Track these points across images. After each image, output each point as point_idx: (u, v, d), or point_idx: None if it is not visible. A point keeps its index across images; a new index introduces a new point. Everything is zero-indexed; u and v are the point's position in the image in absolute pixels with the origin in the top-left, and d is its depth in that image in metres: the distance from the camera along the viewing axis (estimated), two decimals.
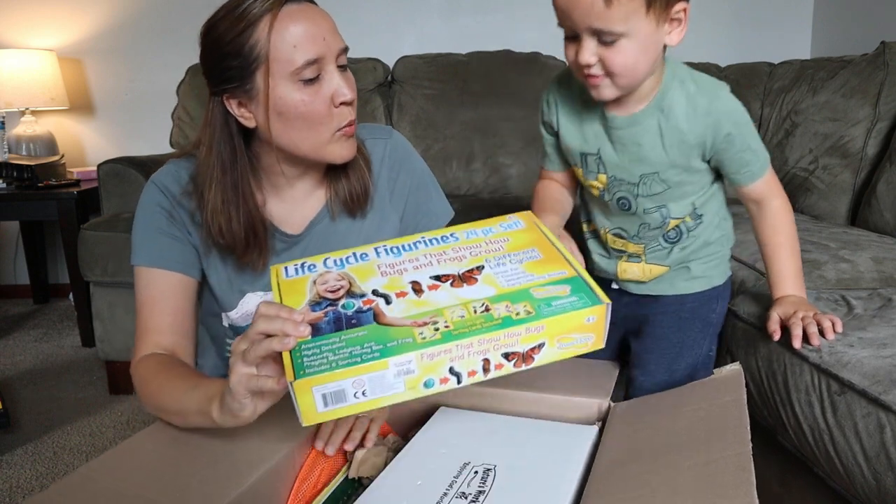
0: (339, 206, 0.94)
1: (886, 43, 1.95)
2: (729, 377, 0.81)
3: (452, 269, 0.68)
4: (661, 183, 1.00)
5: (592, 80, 0.90)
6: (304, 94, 0.79)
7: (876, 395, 0.83)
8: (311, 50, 0.78)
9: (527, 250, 0.71)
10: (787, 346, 0.98)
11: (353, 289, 0.67)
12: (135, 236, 0.90)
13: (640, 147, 0.98)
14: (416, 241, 0.74)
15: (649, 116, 0.96)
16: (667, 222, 1.04)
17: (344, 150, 0.85)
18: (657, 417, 0.80)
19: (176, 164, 0.91)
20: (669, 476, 0.63)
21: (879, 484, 0.81)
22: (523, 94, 2.46)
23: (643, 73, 0.91)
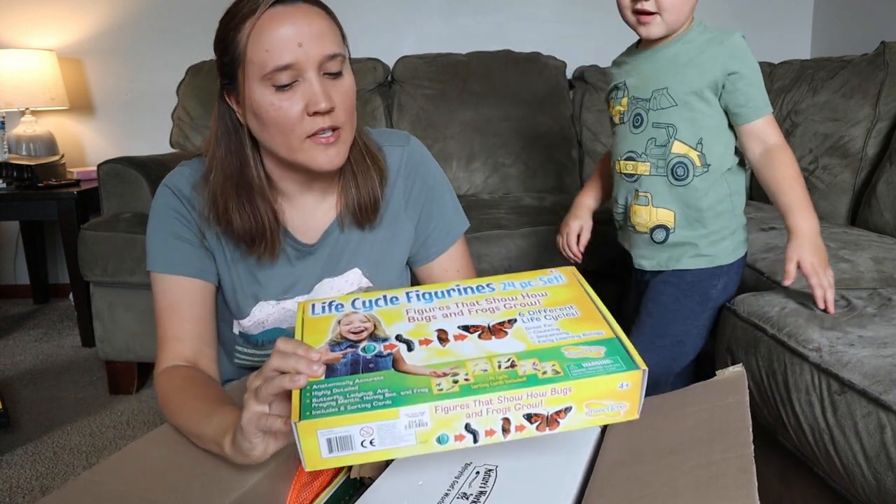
0: (348, 217, 0.93)
1: (886, 43, 1.95)
2: (732, 379, 0.81)
3: (483, 321, 0.65)
4: (669, 98, 1.14)
5: (644, 18, 1.11)
6: (275, 98, 0.78)
7: (876, 394, 0.83)
8: (282, 56, 0.76)
9: (564, 307, 0.67)
10: (787, 345, 0.98)
11: (377, 332, 0.65)
12: (150, 241, 0.89)
13: (657, 68, 1.16)
14: (450, 289, 0.71)
15: (671, 46, 1.14)
16: (671, 141, 1.14)
17: (320, 157, 0.82)
18: (659, 418, 0.80)
19: (187, 166, 0.91)
20: (671, 477, 0.63)
21: (879, 483, 0.82)
22: (523, 94, 2.46)
23: (687, 12, 1.11)
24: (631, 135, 1.19)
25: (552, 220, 1.87)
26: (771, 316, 1.07)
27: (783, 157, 1.11)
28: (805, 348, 0.95)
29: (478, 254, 1.85)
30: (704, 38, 1.13)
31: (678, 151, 1.14)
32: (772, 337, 1.02)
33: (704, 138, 1.14)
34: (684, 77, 1.12)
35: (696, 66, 1.12)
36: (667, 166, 1.15)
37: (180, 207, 0.89)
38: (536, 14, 2.79)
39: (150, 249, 0.89)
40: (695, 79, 1.12)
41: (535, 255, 1.84)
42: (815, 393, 0.92)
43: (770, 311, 1.08)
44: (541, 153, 2.43)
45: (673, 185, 1.16)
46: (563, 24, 2.79)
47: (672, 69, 1.14)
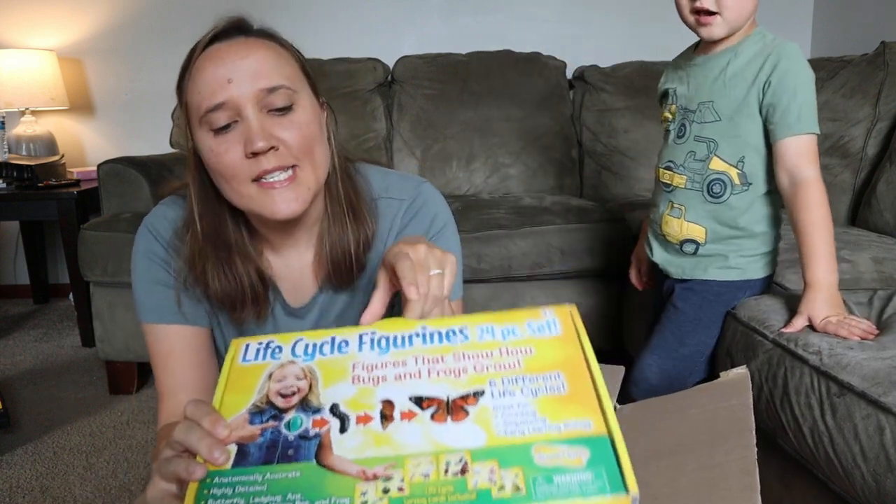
0: (323, 278, 0.83)
1: (886, 43, 1.95)
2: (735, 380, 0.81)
3: (442, 391, 0.50)
4: (713, 112, 1.11)
5: (704, 19, 1.07)
6: (213, 142, 0.71)
7: (876, 396, 0.83)
8: (213, 95, 0.70)
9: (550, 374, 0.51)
10: (787, 348, 0.98)
11: (309, 397, 0.51)
12: (136, 290, 0.83)
13: (705, 78, 1.13)
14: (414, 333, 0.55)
15: (723, 56, 1.11)
16: (710, 156, 1.11)
17: (271, 203, 0.71)
18: (662, 420, 0.79)
19: (168, 206, 0.84)
20: (672, 479, 0.63)
21: (879, 485, 0.82)
22: (523, 94, 2.46)
23: (748, 11, 1.07)
24: (674, 144, 1.17)
25: (552, 220, 1.87)
26: (771, 321, 1.07)
27: (810, 197, 1.03)
28: (805, 352, 0.95)
29: (478, 254, 1.85)
30: (757, 48, 1.08)
31: (716, 168, 1.11)
32: (772, 342, 1.02)
33: (746, 157, 1.10)
34: (730, 91, 1.09)
35: (743, 79, 1.08)
36: (703, 181, 1.13)
37: (162, 253, 0.82)
38: (536, 14, 2.79)
39: (138, 300, 0.83)
40: (740, 92, 1.08)
41: (535, 254, 1.84)
42: (814, 396, 0.92)
43: (770, 317, 1.08)
44: (541, 153, 2.43)
45: (707, 202, 1.13)
46: (563, 24, 2.79)
47: (720, 82, 1.11)
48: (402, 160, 2.46)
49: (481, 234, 1.86)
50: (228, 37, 0.73)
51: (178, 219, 0.82)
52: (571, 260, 1.86)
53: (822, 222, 1.04)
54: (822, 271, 1.02)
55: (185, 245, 0.79)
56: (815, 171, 1.05)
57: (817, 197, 1.04)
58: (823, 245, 1.03)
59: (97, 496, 1.48)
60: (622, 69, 2.52)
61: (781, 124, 1.04)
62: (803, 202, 1.04)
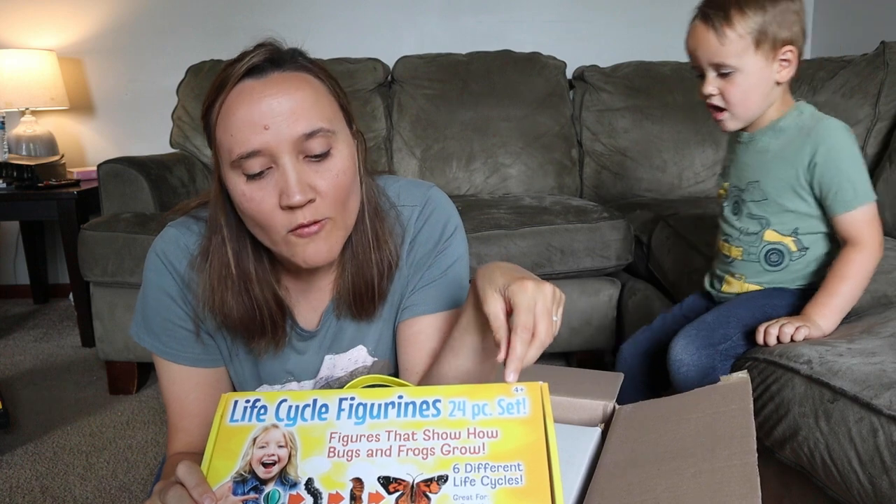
0: (344, 308, 0.81)
1: (886, 43, 1.95)
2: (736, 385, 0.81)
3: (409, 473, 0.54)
4: (761, 192, 1.13)
5: (716, 115, 1.10)
6: (246, 188, 0.67)
7: (867, 399, 0.83)
8: (247, 141, 0.65)
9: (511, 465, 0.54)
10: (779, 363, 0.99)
11: (288, 468, 0.55)
12: (148, 322, 0.80)
13: (751, 158, 1.14)
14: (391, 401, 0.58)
15: (764, 135, 1.12)
16: (763, 230, 1.14)
17: (302, 253, 0.69)
18: (662, 422, 0.79)
19: (179, 229, 0.80)
20: (673, 483, 0.63)
21: (875, 488, 0.82)
22: (523, 94, 2.46)
23: (756, 105, 1.08)
24: (731, 218, 1.19)
25: (552, 220, 1.87)
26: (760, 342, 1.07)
27: (859, 257, 1.04)
28: (796, 363, 0.95)
29: (478, 254, 1.85)
30: (796, 128, 1.09)
31: (771, 240, 1.14)
32: (763, 361, 1.03)
33: (800, 228, 1.12)
34: (775, 172, 1.10)
35: (784, 160, 1.09)
36: (759, 253, 1.15)
37: (177, 289, 0.78)
38: (536, 14, 2.79)
39: (151, 331, 0.80)
40: (784, 173, 1.09)
41: (535, 254, 1.85)
42: (808, 404, 0.92)
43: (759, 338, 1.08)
44: (541, 153, 2.43)
45: (766, 270, 1.16)
46: (563, 24, 2.79)
47: (763, 162, 1.12)
48: (402, 160, 2.46)
49: (481, 234, 1.86)
50: (262, 72, 0.68)
51: (192, 245, 0.78)
52: (571, 260, 1.86)
53: (856, 280, 1.04)
54: (825, 320, 1.04)
55: (205, 273, 0.76)
56: (871, 235, 1.05)
57: (866, 259, 1.04)
58: (843, 299, 1.04)
59: (97, 496, 1.49)
60: (622, 69, 2.52)
61: (837, 202, 1.05)
62: (849, 256, 1.05)
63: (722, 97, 1.07)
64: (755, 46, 1.03)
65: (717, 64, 1.05)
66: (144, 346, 0.81)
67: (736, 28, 1.02)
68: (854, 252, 1.05)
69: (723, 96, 1.07)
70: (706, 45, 1.05)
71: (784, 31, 1.04)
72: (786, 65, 1.06)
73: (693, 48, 1.08)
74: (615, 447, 0.77)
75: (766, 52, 1.04)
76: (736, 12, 1.02)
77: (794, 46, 1.05)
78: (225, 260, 0.75)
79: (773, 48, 1.04)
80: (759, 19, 1.03)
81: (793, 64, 1.06)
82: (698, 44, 1.06)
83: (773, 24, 1.03)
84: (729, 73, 1.05)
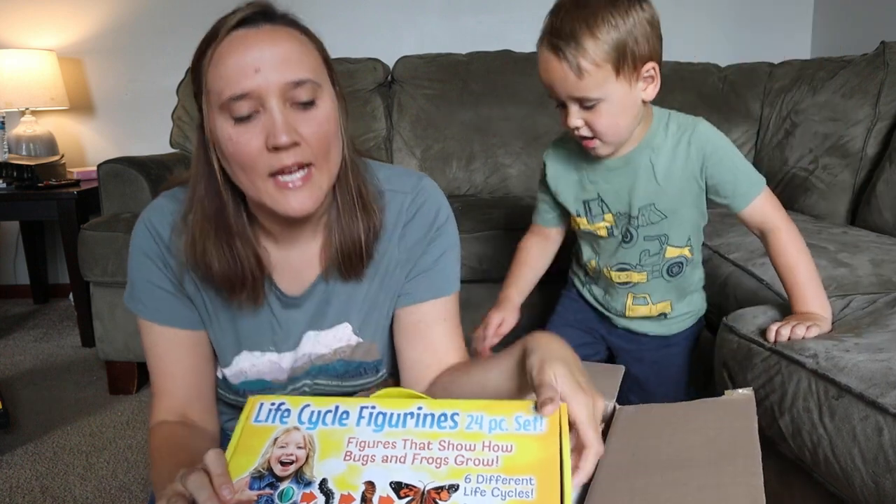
0: (332, 267, 0.83)
1: (886, 43, 1.95)
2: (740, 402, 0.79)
3: (421, 480, 0.54)
4: (658, 212, 1.08)
5: (587, 143, 1.02)
6: (233, 131, 0.70)
7: (873, 397, 0.83)
8: (238, 83, 0.68)
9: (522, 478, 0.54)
10: (783, 354, 0.98)
11: (304, 468, 0.57)
12: (133, 285, 0.84)
13: (636, 181, 1.07)
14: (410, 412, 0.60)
15: (640, 154, 1.05)
16: (664, 248, 1.12)
17: (285, 202, 0.72)
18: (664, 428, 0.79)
19: (168, 198, 0.83)
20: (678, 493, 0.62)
21: (878, 487, 0.81)
22: (523, 94, 2.46)
23: (626, 130, 1.01)
24: (621, 248, 1.13)
25: None
26: (765, 329, 1.07)
27: (783, 241, 1.05)
28: (802, 356, 0.95)
29: (478, 254, 1.85)
30: (672, 141, 1.04)
31: (672, 255, 1.13)
32: (768, 350, 1.02)
33: (692, 236, 1.14)
34: (668, 189, 1.06)
35: (675, 176, 1.05)
36: (661, 269, 1.15)
37: (158, 252, 0.82)
38: (536, 14, 2.77)
39: (135, 295, 0.84)
40: (677, 187, 1.06)
41: None
42: (812, 399, 0.92)
43: (765, 324, 1.07)
44: (541, 153, 2.42)
45: (669, 282, 1.17)
46: None
47: (651, 183, 1.06)
48: (402, 160, 2.46)
49: (481, 234, 1.86)
50: (254, 23, 0.71)
51: (177, 212, 0.81)
52: None
53: (801, 260, 1.04)
54: (823, 309, 1.03)
55: (188, 227, 0.79)
56: (780, 216, 1.06)
57: (790, 239, 1.05)
58: (814, 281, 1.04)
59: (97, 496, 1.48)
60: None
61: (736, 197, 1.05)
62: (778, 247, 1.05)
63: (588, 128, 0.99)
64: (616, 73, 0.94)
65: (578, 98, 0.96)
66: (131, 309, 0.84)
67: (592, 57, 0.92)
68: (778, 237, 1.05)
69: (590, 127, 0.99)
70: (563, 80, 0.95)
71: (642, 47, 0.95)
72: (649, 81, 0.98)
73: (548, 81, 0.99)
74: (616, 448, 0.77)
75: (627, 76, 0.94)
76: (588, 38, 0.92)
77: (654, 62, 0.97)
78: (208, 212, 0.78)
79: (634, 69, 0.95)
80: (614, 39, 0.92)
81: (656, 80, 0.99)
82: (554, 78, 0.97)
83: (629, 43, 0.94)
84: (593, 105, 0.96)
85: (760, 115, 2.36)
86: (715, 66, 2.50)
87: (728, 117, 2.38)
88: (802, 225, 1.65)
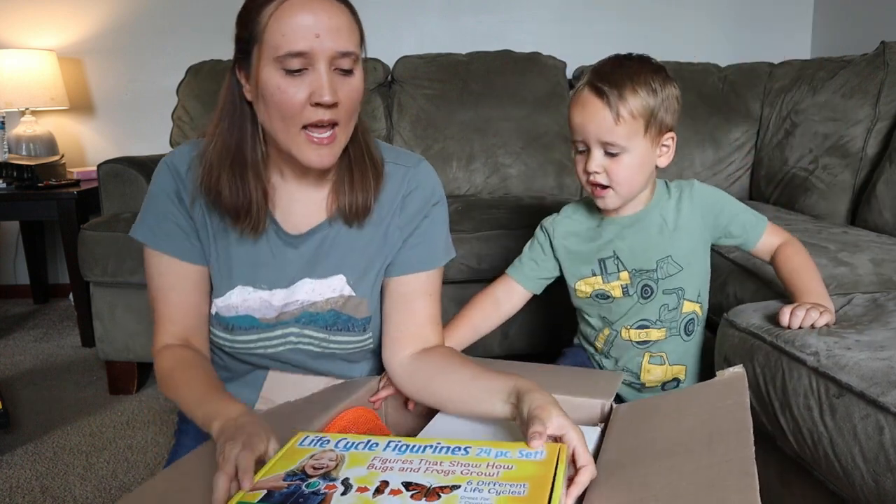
0: (337, 212, 0.93)
1: (886, 43, 1.95)
2: (731, 380, 0.81)
3: (429, 481, 0.63)
4: (675, 265, 1.13)
5: (599, 192, 1.07)
6: (282, 81, 0.80)
7: (874, 396, 0.83)
8: (297, 42, 0.78)
9: (517, 484, 0.61)
10: (784, 350, 0.98)
11: (332, 472, 0.67)
12: (145, 214, 0.92)
13: (650, 235, 1.13)
14: (431, 445, 0.70)
15: (651, 212, 1.13)
16: (681, 303, 1.15)
17: (311, 155, 0.83)
18: (660, 420, 0.79)
19: (190, 144, 0.93)
20: (671, 479, 0.63)
21: (879, 486, 0.82)
22: (523, 94, 2.46)
23: (639, 186, 1.09)
24: (639, 305, 1.16)
25: None
26: (767, 324, 1.07)
27: (790, 250, 1.12)
28: (803, 353, 0.95)
29: (478, 253, 1.85)
30: (674, 199, 1.14)
31: (688, 311, 1.16)
32: (769, 344, 1.02)
33: (701, 291, 1.17)
34: (681, 241, 1.13)
35: (684, 228, 1.13)
36: (679, 326, 1.16)
37: (175, 188, 0.91)
38: (536, 14, 2.79)
39: (147, 223, 0.91)
40: (690, 239, 1.13)
41: None
42: (813, 397, 0.92)
43: (767, 322, 1.08)
44: (541, 153, 2.42)
45: (685, 341, 1.18)
46: (563, 24, 2.79)
47: (666, 236, 1.13)
48: None
49: (481, 234, 1.86)
50: None
51: (194, 158, 0.90)
52: None
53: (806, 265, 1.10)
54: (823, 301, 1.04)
55: (206, 154, 0.88)
56: (785, 236, 1.14)
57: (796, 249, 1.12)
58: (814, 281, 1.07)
59: (97, 496, 1.48)
60: None
61: (747, 236, 1.14)
62: (785, 256, 1.11)
63: (607, 175, 1.05)
64: (645, 129, 1.03)
65: (607, 142, 1.03)
66: (138, 238, 0.91)
67: (630, 108, 1.01)
68: (784, 249, 1.12)
69: (608, 174, 1.05)
70: (599, 121, 1.02)
71: (669, 117, 1.05)
72: (665, 150, 1.07)
73: (581, 122, 1.04)
74: (613, 445, 0.77)
75: (652, 136, 1.04)
76: (630, 92, 1.01)
77: (674, 133, 1.07)
78: (228, 143, 0.87)
79: (658, 133, 1.04)
80: (651, 102, 1.02)
81: (671, 150, 1.08)
82: (590, 118, 1.03)
83: (661, 109, 1.03)
84: (617, 154, 1.03)
85: (760, 115, 2.37)
86: (715, 66, 2.50)
87: (728, 117, 2.38)
88: (803, 225, 1.66)
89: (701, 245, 1.15)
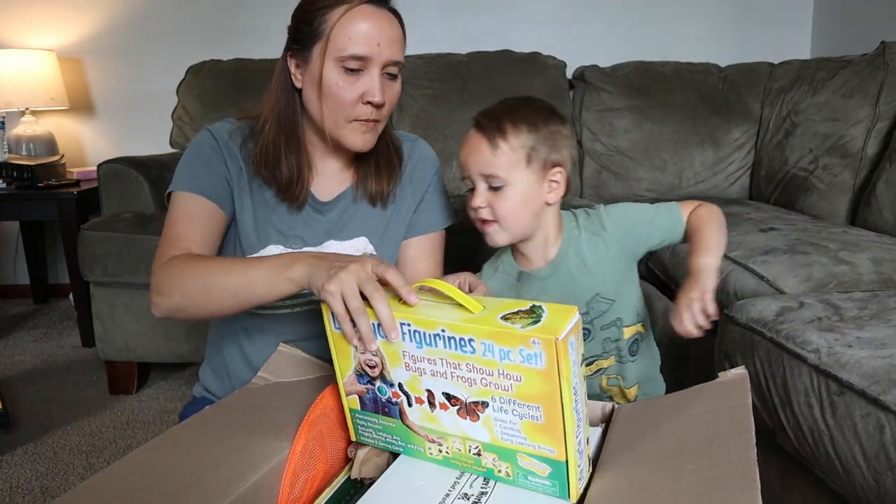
0: (362, 193, 1.06)
1: (886, 43, 1.95)
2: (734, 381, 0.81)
3: (462, 394, 0.69)
4: (606, 300, 1.09)
5: (485, 226, 1.06)
6: (340, 78, 0.92)
7: (875, 395, 0.83)
8: (361, 47, 0.90)
9: (532, 406, 0.65)
10: (785, 347, 0.98)
11: (384, 372, 0.72)
12: (179, 169, 0.99)
13: (573, 280, 1.09)
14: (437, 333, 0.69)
15: (565, 255, 1.09)
16: (622, 331, 1.10)
17: (356, 138, 0.96)
18: (661, 420, 0.79)
19: (231, 123, 1.04)
20: (673, 480, 0.63)
21: (879, 484, 0.82)
22: (523, 93, 2.45)
23: (526, 222, 1.06)
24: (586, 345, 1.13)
25: None
26: (768, 320, 1.07)
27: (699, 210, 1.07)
28: (804, 350, 0.95)
29: (477, 252, 1.85)
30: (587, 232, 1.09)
31: (630, 334, 1.13)
32: (770, 340, 1.02)
33: (639, 308, 1.13)
34: (604, 276, 1.08)
35: (605, 262, 1.08)
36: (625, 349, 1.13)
37: (216, 147, 1.00)
38: (536, 14, 2.79)
39: (177, 176, 0.99)
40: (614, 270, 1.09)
41: None
42: (814, 395, 0.92)
43: (767, 316, 1.08)
44: None
45: (631, 361, 1.14)
46: (563, 24, 2.79)
47: (588, 275, 1.09)
48: None
49: None
50: (380, 4, 0.94)
51: (234, 130, 1.02)
52: None
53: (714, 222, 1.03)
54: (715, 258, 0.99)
55: (263, 134, 0.99)
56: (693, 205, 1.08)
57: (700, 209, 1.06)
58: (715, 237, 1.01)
59: None
60: (622, 69, 2.52)
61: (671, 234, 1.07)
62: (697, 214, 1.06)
63: (491, 210, 1.04)
64: (526, 162, 1.02)
65: (487, 175, 1.03)
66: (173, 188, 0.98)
67: (509, 141, 1.01)
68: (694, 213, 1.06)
69: (492, 209, 1.04)
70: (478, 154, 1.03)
71: (554, 154, 1.03)
72: (555, 185, 1.05)
73: (464, 158, 1.06)
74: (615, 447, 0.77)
75: (536, 171, 1.02)
76: (509, 126, 1.01)
77: (562, 168, 1.05)
78: (284, 125, 0.99)
79: (542, 168, 1.03)
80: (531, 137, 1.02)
81: (562, 185, 1.06)
82: (471, 152, 1.04)
83: (542, 143, 1.02)
84: (500, 188, 1.02)
85: (760, 115, 2.37)
86: (715, 66, 2.50)
87: (728, 117, 2.38)
88: (802, 225, 1.66)
89: (626, 270, 1.11)
